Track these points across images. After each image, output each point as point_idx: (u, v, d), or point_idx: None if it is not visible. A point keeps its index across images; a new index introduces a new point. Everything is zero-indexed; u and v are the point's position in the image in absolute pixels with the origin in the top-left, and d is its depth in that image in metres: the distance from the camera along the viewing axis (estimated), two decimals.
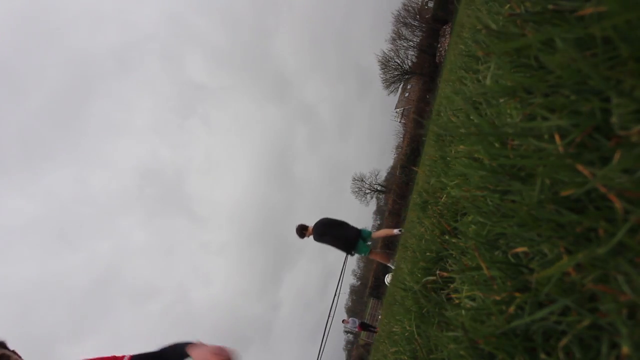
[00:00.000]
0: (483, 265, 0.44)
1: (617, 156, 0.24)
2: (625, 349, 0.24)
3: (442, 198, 1.79)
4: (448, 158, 1.86)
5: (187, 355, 1.27)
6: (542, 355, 0.30)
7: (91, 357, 1.16)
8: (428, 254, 1.71)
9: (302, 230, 5.77)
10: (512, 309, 0.37)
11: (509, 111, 0.46)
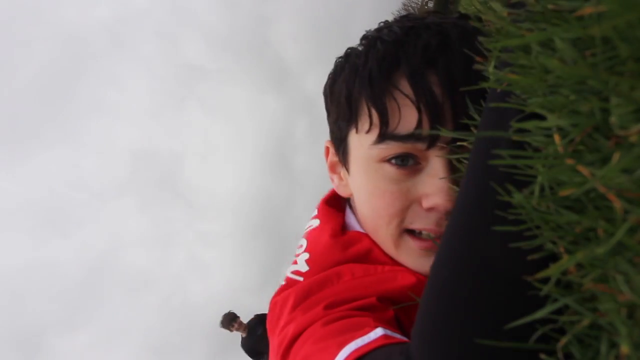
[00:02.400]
0: None
1: (616, 156, 0.24)
2: (624, 349, 0.24)
3: None
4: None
5: None
6: (542, 355, 0.30)
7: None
8: None
9: (230, 321, 4.09)
10: None
11: None
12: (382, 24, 0.70)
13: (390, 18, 0.71)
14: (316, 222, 0.75)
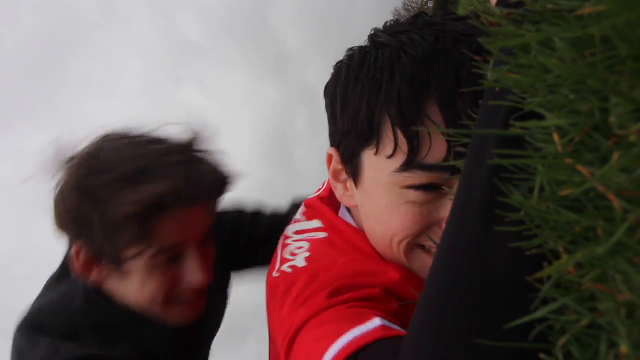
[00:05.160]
0: None
1: (615, 155, 0.24)
2: (624, 348, 0.24)
3: None
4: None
5: None
6: (542, 355, 0.30)
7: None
8: None
9: None
10: None
11: None
12: (391, 22, 0.66)
13: (390, 16, 0.67)
14: (321, 233, 0.73)
